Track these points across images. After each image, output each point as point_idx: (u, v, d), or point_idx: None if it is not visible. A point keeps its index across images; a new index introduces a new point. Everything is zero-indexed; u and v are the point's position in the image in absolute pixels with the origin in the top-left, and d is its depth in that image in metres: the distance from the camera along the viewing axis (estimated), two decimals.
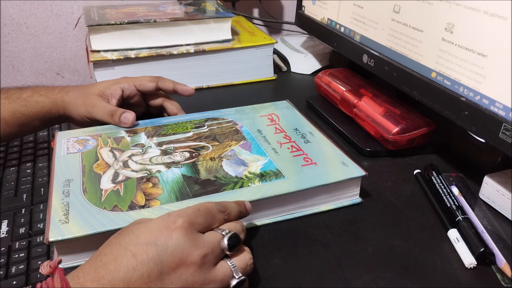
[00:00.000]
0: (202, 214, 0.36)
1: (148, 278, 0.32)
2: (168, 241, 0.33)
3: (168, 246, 0.33)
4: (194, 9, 0.84)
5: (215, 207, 0.38)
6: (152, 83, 0.62)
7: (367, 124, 0.61)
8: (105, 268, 0.32)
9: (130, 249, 0.32)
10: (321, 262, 0.42)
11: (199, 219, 0.36)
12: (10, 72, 1.06)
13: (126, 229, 0.35)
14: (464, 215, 0.45)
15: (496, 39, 0.43)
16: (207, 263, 0.34)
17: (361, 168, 0.48)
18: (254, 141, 0.54)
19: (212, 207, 0.37)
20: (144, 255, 0.32)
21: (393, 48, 0.59)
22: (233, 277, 0.35)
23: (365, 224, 0.47)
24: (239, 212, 0.40)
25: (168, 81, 0.63)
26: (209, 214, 0.37)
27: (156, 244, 0.32)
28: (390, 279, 0.40)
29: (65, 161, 0.49)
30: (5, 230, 0.47)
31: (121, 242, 0.33)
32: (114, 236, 0.35)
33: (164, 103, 0.64)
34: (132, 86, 0.61)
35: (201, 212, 0.36)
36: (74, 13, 1.04)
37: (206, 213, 0.36)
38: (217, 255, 0.35)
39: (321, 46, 0.93)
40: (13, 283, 0.40)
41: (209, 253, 0.34)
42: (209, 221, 0.37)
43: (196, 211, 0.36)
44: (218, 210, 0.38)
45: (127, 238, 0.33)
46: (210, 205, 0.38)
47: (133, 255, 0.32)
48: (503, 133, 0.43)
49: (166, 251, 0.32)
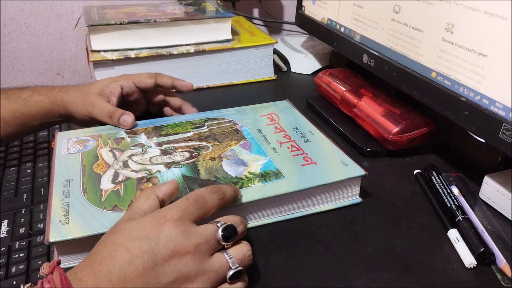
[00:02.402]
0: (192, 202, 0.37)
1: (142, 270, 0.32)
2: (160, 234, 0.34)
3: (160, 238, 0.33)
4: (194, 9, 0.84)
5: (205, 190, 0.38)
6: (150, 79, 0.62)
7: (367, 124, 0.61)
8: (101, 264, 0.32)
9: (124, 245, 0.33)
10: (321, 262, 0.42)
11: (190, 208, 0.36)
12: (10, 72, 1.06)
13: (117, 227, 0.35)
14: (464, 215, 0.45)
15: (496, 39, 0.43)
16: (201, 254, 0.34)
17: (361, 167, 0.48)
18: (254, 140, 0.54)
19: (202, 191, 0.38)
20: (137, 249, 0.33)
21: (393, 48, 0.59)
22: (230, 268, 0.35)
23: (365, 224, 0.47)
24: (234, 192, 0.41)
25: (167, 77, 0.63)
26: (199, 200, 0.37)
27: (148, 238, 0.33)
28: (390, 279, 0.40)
29: (65, 161, 0.49)
30: (5, 230, 0.47)
31: (115, 240, 0.34)
32: (105, 235, 0.35)
33: (165, 97, 0.65)
34: (131, 83, 0.61)
35: (191, 200, 0.37)
36: (74, 13, 1.04)
37: (196, 201, 0.37)
38: (212, 245, 0.35)
39: (321, 46, 0.93)
40: (13, 283, 0.40)
41: (202, 243, 0.34)
42: (202, 206, 0.37)
43: (185, 201, 0.37)
44: (209, 192, 0.38)
45: (120, 235, 0.34)
46: (200, 191, 0.38)
47: (127, 250, 0.33)
48: (503, 133, 0.43)
49: (159, 243, 0.33)
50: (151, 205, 0.37)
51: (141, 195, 0.38)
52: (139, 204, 0.37)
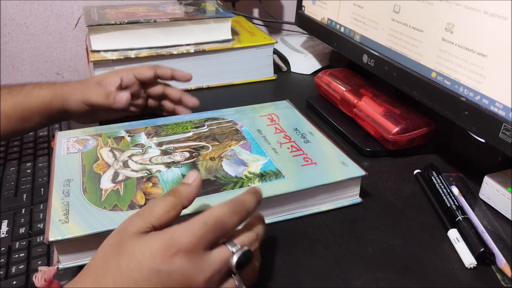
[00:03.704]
0: (210, 229, 0.32)
1: None
2: (171, 268, 0.31)
3: (171, 273, 0.31)
4: (194, 9, 0.84)
5: (227, 212, 0.33)
6: (150, 70, 0.63)
7: (367, 124, 0.61)
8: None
9: (133, 276, 0.30)
10: (321, 262, 0.42)
11: (207, 236, 0.32)
12: (10, 72, 1.06)
13: (125, 244, 0.32)
14: (464, 215, 0.45)
15: (496, 39, 0.43)
16: (212, 284, 0.32)
17: (361, 168, 0.48)
18: (254, 141, 0.54)
19: (223, 215, 0.33)
20: (146, 282, 0.30)
21: (393, 48, 0.59)
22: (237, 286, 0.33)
23: (365, 224, 0.47)
24: (257, 203, 0.37)
25: (166, 68, 0.64)
26: (218, 226, 0.33)
27: (158, 270, 0.30)
28: (390, 279, 0.40)
29: (65, 161, 0.49)
30: (5, 230, 0.47)
31: (121, 264, 0.31)
32: (112, 251, 0.32)
33: (165, 90, 0.65)
34: (131, 74, 0.62)
35: (209, 227, 0.32)
36: (74, 13, 1.04)
37: (215, 227, 0.32)
38: (223, 274, 0.33)
39: (321, 46, 0.93)
40: (13, 283, 0.41)
41: (215, 275, 0.32)
42: (220, 232, 0.33)
43: (203, 227, 0.32)
44: (231, 213, 0.34)
45: (127, 260, 0.31)
46: (220, 212, 0.33)
47: (135, 282, 0.30)
48: (503, 133, 0.43)
49: (169, 278, 0.31)
50: (171, 218, 0.33)
51: (164, 203, 0.34)
52: (160, 213, 0.33)
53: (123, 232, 0.33)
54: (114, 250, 0.32)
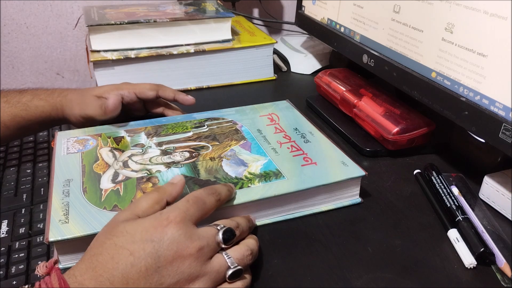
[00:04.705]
0: (192, 204, 0.37)
1: (146, 272, 0.32)
2: (163, 236, 0.34)
3: (164, 240, 0.34)
4: (194, 9, 0.84)
5: (203, 192, 0.39)
6: (152, 91, 0.61)
7: (367, 124, 0.61)
8: (103, 267, 0.32)
9: (127, 248, 0.33)
10: (321, 262, 0.42)
11: (191, 210, 0.36)
12: (10, 72, 1.06)
13: (116, 228, 0.35)
14: (464, 215, 0.45)
15: (496, 39, 0.43)
16: (203, 256, 0.35)
17: (361, 168, 0.48)
18: (254, 141, 0.54)
19: (200, 193, 0.39)
20: (141, 251, 0.33)
21: (393, 48, 0.59)
22: (229, 267, 0.36)
23: (365, 224, 0.47)
24: (228, 191, 0.42)
25: (169, 89, 0.63)
26: (199, 201, 0.38)
27: (152, 240, 0.33)
28: (390, 279, 0.40)
29: (65, 161, 0.49)
30: (5, 230, 0.47)
31: (116, 242, 0.33)
32: (104, 236, 0.35)
33: (164, 111, 0.64)
34: (132, 93, 0.60)
35: (191, 202, 0.37)
36: (74, 13, 1.04)
37: (196, 202, 0.37)
38: (213, 248, 0.36)
39: (321, 46, 0.93)
40: (13, 283, 0.40)
41: (204, 246, 0.35)
42: (201, 208, 0.38)
43: (185, 203, 0.37)
44: (207, 193, 0.39)
45: (122, 238, 0.34)
46: (198, 192, 0.39)
47: (131, 253, 0.33)
48: (503, 133, 0.43)
49: (162, 245, 0.33)
50: (156, 210, 0.37)
51: (149, 197, 0.38)
52: (145, 206, 0.37)
53: (113, 222, 0.36)
54: (107, 234, 0.35)
